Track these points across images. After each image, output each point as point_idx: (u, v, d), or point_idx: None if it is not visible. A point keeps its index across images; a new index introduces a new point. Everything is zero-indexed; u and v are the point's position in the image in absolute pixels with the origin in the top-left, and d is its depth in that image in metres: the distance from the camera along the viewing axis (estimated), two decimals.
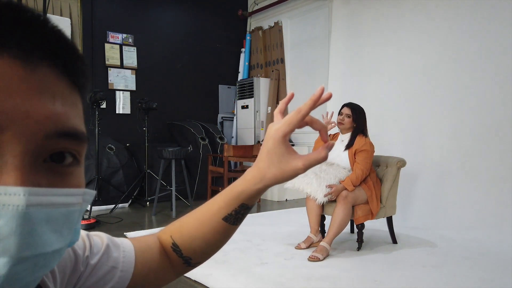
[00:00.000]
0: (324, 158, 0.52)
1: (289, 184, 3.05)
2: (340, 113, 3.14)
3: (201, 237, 0.60)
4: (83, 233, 0.55)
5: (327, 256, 2.78)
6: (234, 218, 0.58)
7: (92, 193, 0.37)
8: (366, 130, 3.14)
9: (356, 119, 3.08)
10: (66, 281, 0.50)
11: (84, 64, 0.37)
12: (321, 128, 0.54)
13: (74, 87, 0.36)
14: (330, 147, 0.53)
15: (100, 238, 0.57)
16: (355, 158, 2.99)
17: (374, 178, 3.06)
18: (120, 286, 0.56)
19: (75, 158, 0.35)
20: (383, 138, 4.06)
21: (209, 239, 0.60)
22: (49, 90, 0.32)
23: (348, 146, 3.05)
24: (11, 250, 0.29)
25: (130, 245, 0.60)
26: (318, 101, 0.53)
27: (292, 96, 0.58)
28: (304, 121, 0.53)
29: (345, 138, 3.13)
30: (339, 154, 3.09)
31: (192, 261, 0.62)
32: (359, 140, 3.02)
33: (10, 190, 0.29)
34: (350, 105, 3.13)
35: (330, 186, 2.88)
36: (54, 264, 0.34)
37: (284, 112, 0.56)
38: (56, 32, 0.34)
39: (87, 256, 0.54)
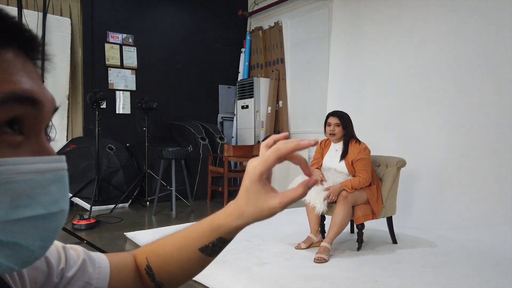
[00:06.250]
0: (302, 196, 0.50)
1: (289, 187, 3.04)
2: (328, 124, 3.05)
3: (175, 263, 0.59)
4: (58, 245, 0.55)
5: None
6: (210, 250, 0.57)
7: None
8: (354, 134, 3.09)
9: (345, 126, 3.02)
10: None
11: None
12: (300, 162, 0.52)
13: None
14: (311, 185, 0.51)
15: (76, 251, 0.57)
16: (353, 167, 2.96)
17: (376, 180, 3.05)
18: None
19: None
20: (382, 138, 4.06)
21: (183, 266, 0.59)
22: None
23: (343, 155, 3.00)
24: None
25: (106, 261, 0.60)
26: (303, 148, 0.50)
27: (286, 137, 0.53)
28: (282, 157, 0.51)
29: (338, 147, 3.07)
30: (334, 164, 3.04)
31: (163, 286, 0.61)
32: (352, 147, 2.97)
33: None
34: (336, 114, 3.05)
35: (327, 189, 2.87)
36: None
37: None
38: None
39: (62, 268, 0.53)
